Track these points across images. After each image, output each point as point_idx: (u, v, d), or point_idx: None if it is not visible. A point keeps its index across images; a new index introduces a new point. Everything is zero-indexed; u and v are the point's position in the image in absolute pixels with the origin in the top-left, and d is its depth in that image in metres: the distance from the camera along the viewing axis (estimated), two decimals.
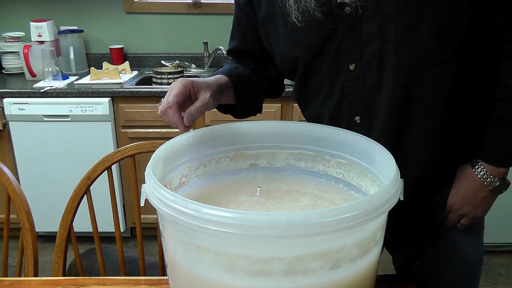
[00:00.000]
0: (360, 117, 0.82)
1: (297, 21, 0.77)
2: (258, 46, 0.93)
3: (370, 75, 0.78)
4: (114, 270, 1.31)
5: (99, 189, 1.28)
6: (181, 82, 0.75)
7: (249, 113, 0.97)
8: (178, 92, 0.74)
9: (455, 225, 0.86)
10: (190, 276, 0.60)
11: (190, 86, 0.75)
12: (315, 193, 0.79)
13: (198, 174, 0.81)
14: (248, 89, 0.91)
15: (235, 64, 0.95)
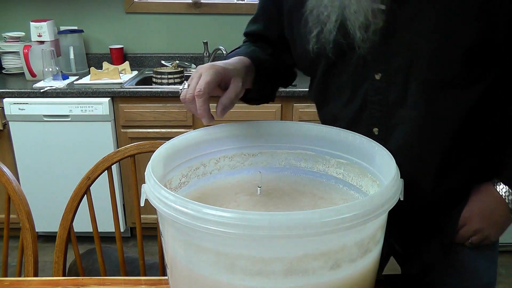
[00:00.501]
0: (379, 129, 0.79)
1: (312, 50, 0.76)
2: (279, 33, 0.89)
3: (395, 88, 0.75)
4: (114, 270, 1.31)
5: (99, 189, 1.28)
6: (213, 68, 0.70)
7: (261, 101, 0.92)
8: (211, 80, 0.68)
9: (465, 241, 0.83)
10: (190, 276, 0.60)
11: (222, 74, 0.70)
12: (315, 193, 0.79)
13: (198, 174, 0.81)
14: (267, 75, 0.86)
15: (253, 47, 0.89)
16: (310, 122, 0.84)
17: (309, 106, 2.22)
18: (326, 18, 0.72)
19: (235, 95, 0.72)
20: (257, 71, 0.82)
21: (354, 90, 0.79)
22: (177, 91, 2.20)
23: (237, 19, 2.70)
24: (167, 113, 2.23)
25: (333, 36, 0.73)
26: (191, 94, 0.68)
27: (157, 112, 2.22)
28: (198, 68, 0.71)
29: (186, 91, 0.70)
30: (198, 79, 0.69)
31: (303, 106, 2.22)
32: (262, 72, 0.83)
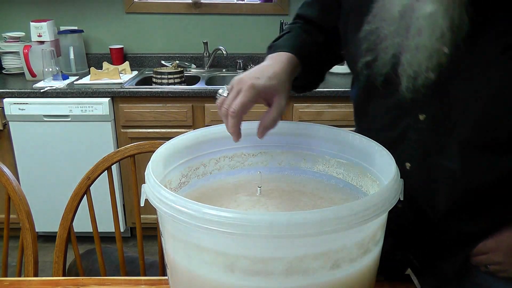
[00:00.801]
0: (411, 165, 0.75)
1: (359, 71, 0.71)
2: (334, 23, 0.83)
3: (436, 134, 0.70)
4: (114, 270, 1.31)
5: (99, 189, 1.28)
6: (254, 88, 0.67)
7: (307, 89, 0.89)
8: (248, 102, 0.66)
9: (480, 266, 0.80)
10: (190, 276, 0.60)
11: (263, 93, 0.68)
12: (315, 193, 0.79)
13: (198, 174, 0.81)
14: (314, 66, 0.83)
15: (303, 35, 0.83)
16: (310, 122, 0.84)
17: (309, 106, 2.22)
18: (383, 50, 0.66)
19: (278, 115, 0.70)
20: (304, 65, 0.78)
21: (395, 120, 0.74)
22: (177, 91, 2.20)
23: (237, 19, 2.71)
24: (167, 113, 2.23)
25: (385, 70, 0.67)
26: (226, 110, 0.68)
27: (157, 112, 2.22)
28: (241, 80, 0.68)
29: (223, 101, 0.69)
30: (237, 94, 0.67)
31: (303, 106, 2.22)
32: (308, 66, 0.80)
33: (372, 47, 0.67)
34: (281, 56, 0.76)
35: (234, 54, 2.73)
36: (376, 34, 0.66)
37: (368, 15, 0.66)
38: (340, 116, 2.23)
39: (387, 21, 0.64)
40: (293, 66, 0.75)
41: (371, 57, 0.68)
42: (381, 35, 0.65)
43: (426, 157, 0.73)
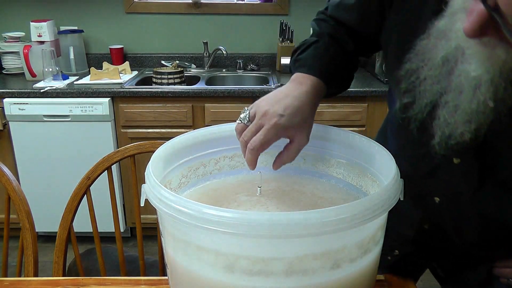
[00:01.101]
0: (440, 199, 0.73)
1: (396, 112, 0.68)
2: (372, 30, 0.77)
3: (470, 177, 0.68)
4: (115, 270, 1.31)
5: (99, 189, 1.28)
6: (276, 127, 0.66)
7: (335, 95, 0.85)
8: (268, 140, 0.66)
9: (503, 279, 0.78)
10: (190, 276, 0.60)
11: (284, 133, 0.68)
12: (315, 193, 0.78)
13: (198, 174, 0.81)
14: (343, 79, 0.80)
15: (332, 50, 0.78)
16: None
17: None
18: (421, 94, 0.62)
19: (297, 152, 0.70)
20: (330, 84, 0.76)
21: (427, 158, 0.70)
22: (177, 91, 2.20)
23: (237, 19, 2.71)
24: (167, 113, 2.23)
25: (421, 117, 0.63)
26: (245, 142, 0.68)
27: (157, 112, 2.22)
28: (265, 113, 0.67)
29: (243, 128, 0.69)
30: (258, 128, 0.67)
31: None
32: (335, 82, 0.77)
33: (410, 88, 0.63)
34: (306, 83, 0.73)
35: (234, 54, 2.73)
36: (416, 74, 0.62)
37: (410, 53, 0.62)
38: (340, 116, 2.23)
39: (428, 64, 0.60)
40: (319, 92, 0.74)
41: (408, 99, 0.64)
42: (421, 77, 0.61)
43: (457, 196, 0.71)
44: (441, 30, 0.56)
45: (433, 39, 0.58)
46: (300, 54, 0.78)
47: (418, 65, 0.61)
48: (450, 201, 0.72)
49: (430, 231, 0.77)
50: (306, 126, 0.71)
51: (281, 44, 2.58)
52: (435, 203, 0.73)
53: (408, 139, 0.72)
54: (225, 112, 2.23)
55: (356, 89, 2.18)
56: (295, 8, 2.69)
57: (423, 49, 0.60)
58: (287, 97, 0.69)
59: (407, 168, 0.74)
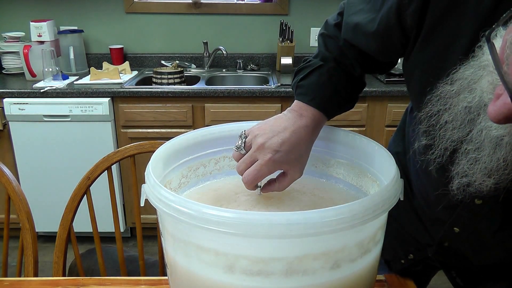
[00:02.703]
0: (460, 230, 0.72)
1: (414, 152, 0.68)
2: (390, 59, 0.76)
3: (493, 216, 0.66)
4: (116, 269, 1.31)
5: (99, 189, 1.28)
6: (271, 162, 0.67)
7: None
8: (261, 175, 0.68)
9: None
10: (190, 276, 0.60)
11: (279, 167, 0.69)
12: (315, 193, 0.78)
13: (198, 174, 0.81)
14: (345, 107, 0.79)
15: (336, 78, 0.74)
16: None
17: None
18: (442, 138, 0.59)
19: (289, 184, 0.71)
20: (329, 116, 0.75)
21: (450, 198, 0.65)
22: (177, 91, 2.20)
23: (237, 19, 2.71)
24: (167, 113, 2.23)
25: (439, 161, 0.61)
26: (241, 171, 0.69)
27: (157, 112, 2.22)
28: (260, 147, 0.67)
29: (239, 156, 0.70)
30: (253, 161, 0.68)
31: None
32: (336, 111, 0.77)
33: (430, 130, 0.61)
34: (307, 115, 0.71)
35: (234, 54, 2.73)
36: (437, 118, 0.59)
37: (432, 95, 0.59)
38: (340, 116, 2.22)
39: (449, 110, 0.57)
40: (318, 123, 0.73)
41: (427, 141, 0.62)
42: (441, 121, 0.58)
43: (478, 231, 0.69)
44: (466, 80, 0.54)
45: (456, 86, 0.55)
46: (303, 79, 0.75)
47: (439, 109, 0.59)
48: (470, 235, 0.71)
49: (450, 249, 0.77)
50: (302, 161, 0.71)
51: (281, 44, 2.58)
52: (454, 233, 0.72)
53: (428, 178, 0.71)
54: (225, 112, 2.23)
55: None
56: (295, 8, 2.69)
57: (445, 94, 0.57)
58: (285, 131, 0.68)
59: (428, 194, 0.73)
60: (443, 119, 0.58)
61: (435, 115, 0.59)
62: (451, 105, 0.57)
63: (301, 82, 0.75)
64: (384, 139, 2.27)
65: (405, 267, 0.87)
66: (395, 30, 0.66)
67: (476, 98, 0.53)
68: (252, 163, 0.68)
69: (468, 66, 0.54)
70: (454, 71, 0.56)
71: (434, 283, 0.93)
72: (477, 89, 0.52)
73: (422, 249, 0.83)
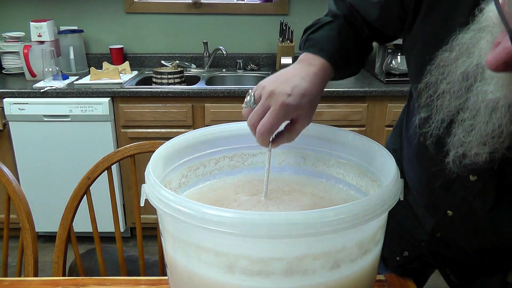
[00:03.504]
0: (453, 213, 0.71)
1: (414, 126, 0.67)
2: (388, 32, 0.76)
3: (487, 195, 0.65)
4: (117, 269, 1.31)
5: (99, 189, 1.28)
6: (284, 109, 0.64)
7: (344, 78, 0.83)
8: (276, 122, 0.65)
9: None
10: (190, 276, 0.60)
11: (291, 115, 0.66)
12: (315, 193, 0.78)
13: (198, 174, 0.81)
14: (352, 67, 0.78)
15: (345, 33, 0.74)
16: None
17: None
18: (439, 109, 0.60)
19: (298, 134, 0.69)
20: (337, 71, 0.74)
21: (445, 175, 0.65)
22: (177, 91, 2.20)
23: (237, 19, 2.71)
24: (167, 113, 2.23)
25: (436, 132, 0.61)
26: (253, 126, 0.66)
27: (157, 112, 2.22)
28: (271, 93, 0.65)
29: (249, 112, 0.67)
30: (265, 110, 0.65)
31: None
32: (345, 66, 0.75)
33: (428, 102, 0.61)
34: (316, 64, 0.71)
35: (234, 54, 2.73)
36: (435, 88, 0.60)
37: (431, 65, 0.60)
38: (340, 116, 2.23)
39: (447, 78, 0.58)
40: (327, 75, 0.72)
41: (425, 114, 0.63)
42: (439, 91, 0.59)
43: (471, 212, 0.69)
44: (465, 45, 0.54)
45: (455, 52, 0.56)
46: (312, 33, 0.75)
47: (437, 78, 0.59)
48: (463, 217, 0.71)
49: (443, 240, 0.77)
50: (312, 108, 0.69)
51: (281, 44, 2.58)
52: (448, 217, 0.72)
53: (425, 153, 0.70)
54: (225, 112, 2.23)
55: (356, 89, 2.18)
56: (295, 8, 2.69)
57: (444, 62, 0.58)
58: (295, 77, 0.67)
59: (422, 177, 0.73)
60: (440, 89, 0.59)
61: (433, 85, 0.60)
62: (449, 72, 0.57)
63: (310, 35, 0.75)
64: (384, 139, 2.27)
65: (400, 264, 0.87)
66: (395, 4, 0.67)
67: (474, 61, 0.53)
68: (264, 113, 0.65)
69: (467, 31, 0.54)
70: (454, 37, 0.56)
71: (433, 283, 0.93)
72: (475, 52, 0.53)
73: (417, 246, 0.83)
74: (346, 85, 2.27)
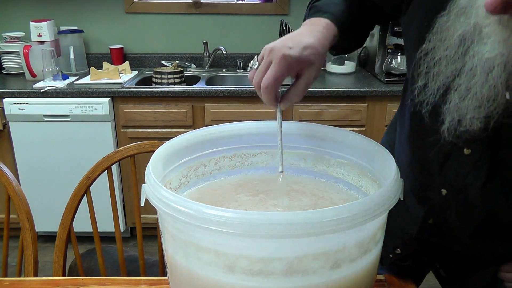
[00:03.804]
0: (447, 191, 0.71)
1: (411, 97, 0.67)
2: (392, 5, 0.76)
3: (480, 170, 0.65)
4: (117, 270, 1.31)
5: (99, 189, 1.28)
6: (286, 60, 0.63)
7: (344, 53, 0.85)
8: (280, 76, 0.64)
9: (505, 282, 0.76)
10: (190, 276, 0.60)
11: (294, 67, 0.65)
12: (315, 193, 0.78)
13: (198, 174, 0.81)
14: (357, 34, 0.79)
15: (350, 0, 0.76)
16: (310, 122, 0.84)
17: (309, 106, 2.22)
18: (435, 77, 0.60)
19: (305, 89, 0.67)
20: (344, 34, 0.73)
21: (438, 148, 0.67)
22: (177, 91, 2.20)
23: (237, 19, 2.71)
24: (167, 113, 2.23)
25: (433, 100, 0.62)
26: (257, 83, 0.65)
27: (157, 112, 2.22)
28: (272, 49, 0.65)
29: (254, 74, 0.66)
30: (268, 66, 0.65)
31: (303, 106, 2.22)
32: (349, 33, 0.75)
33: (426, 71, 0.62)
34: (320, 23, 0.70)
35: (234, 54, 2.73)
36: (432, 55, 0.60)
37: (430, 32, 0.60)
38: (340, 116, 2.23)
39: (444, 44, 0.58)
40: (331, 35, 0.71)
41: (422, 82, 0.63)
42: (436, 57, 0.59)
43: (465, 189, 0.69)
44: (462, 7, 0.54)
45: (453, 16, 0.56)
46: (317, 1, 0.76)
47: (435, 44, 0.59)
48: (457, 193, 0.71)
49: (434, 226, 0.76)
50: (318, 61, 0.67)
51: None
52: (441, 196, 0.72)
53: (420, 126, 0.71)
54: (225, 112, 2.23)
55: (356, 89, 2.19)
56: (295, 8, 2.69)
57: (442, 26, 0.58)
58: (297, 34, 0.67)
59: (418, 157, 0.73)
60: (438, 56, 0.59)
61: (431, 51, 0.60)
62: (447, 37, 0.57)
63: (314, 4, 0.76)
64: None
65: (393, 261, 0.88)
66: None
67: (471, 22, 0.53)
68: (267, 69, 0.65)
69: None
70: (452, 1, 0.56)
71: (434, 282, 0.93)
72: (473, 12, 0.53)
73: (407, 242, 0.83)
74: (346, 85, 2.27)
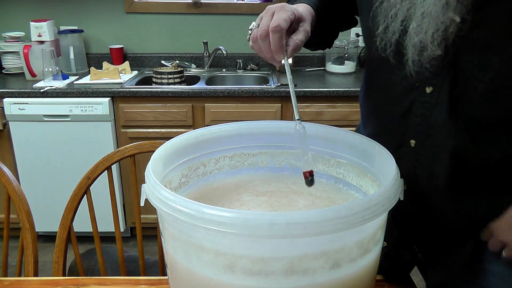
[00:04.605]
0: (416, 143, 0.74)
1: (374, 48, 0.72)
2: None
3: (441, 109, 0.69)
4: (117, 270, 1.31)
5: (99, 189, 1.28)
6: (287, 8, 0.68)
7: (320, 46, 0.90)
8: (287, 17, 0.67)
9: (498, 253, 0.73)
10: (190, 276, 0.60)
11: (294, 15, 0.69)
12: (315, 193, 0.79)
13: (198, 174, 0.81)
14: (329, 22, 0.84)
15: None
16: (310, 122, 0.84)
17: (309, 106, 2.22)
18: (393, 17, 0.67)
19: (305, 37, 0.70)
20: (319, 19, 0.78)
21: (403, 93, 0.73)
22: (177, 91, 2.20)
23: (237, 19, 2.71)
24: (167, 113, 2.23)
25: (395, 38, 0.67)
26: (265, 30, 0.67)
27: (157, 112, 2.22)
28: (268, 8, 0.69)
29: (257, 29, 0.68)
30: (271, 17, 0.68)
31: (303, 106, 2.22)
32: (324, 21, 0.80)
33: (384, 16, 0.68)
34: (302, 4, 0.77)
35: (234, 54, 2.73)
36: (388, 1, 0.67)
37: None
38: (340, 116, 2.23)
39: None
40: (312, 14, 0.76)
41: (383, 26, 0.68)
42: (392, 1, 0.66)
43: (430, 134, 0.72)
44: None
45: None
46: None
47: None
48: (424, 142, 0.73)
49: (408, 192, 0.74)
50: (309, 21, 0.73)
51: None
52: (411, 148, 0.74)
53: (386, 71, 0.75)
54: (225, 112, 2.23)
55: (356, 89, 2.18)
56: None
57: None
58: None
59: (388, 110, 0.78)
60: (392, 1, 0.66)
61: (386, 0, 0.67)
62: None
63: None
64: None
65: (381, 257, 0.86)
66: None
67: None
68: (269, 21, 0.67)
69: None
70: None
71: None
72: None
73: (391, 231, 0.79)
74: (346, 85, 2.27)
